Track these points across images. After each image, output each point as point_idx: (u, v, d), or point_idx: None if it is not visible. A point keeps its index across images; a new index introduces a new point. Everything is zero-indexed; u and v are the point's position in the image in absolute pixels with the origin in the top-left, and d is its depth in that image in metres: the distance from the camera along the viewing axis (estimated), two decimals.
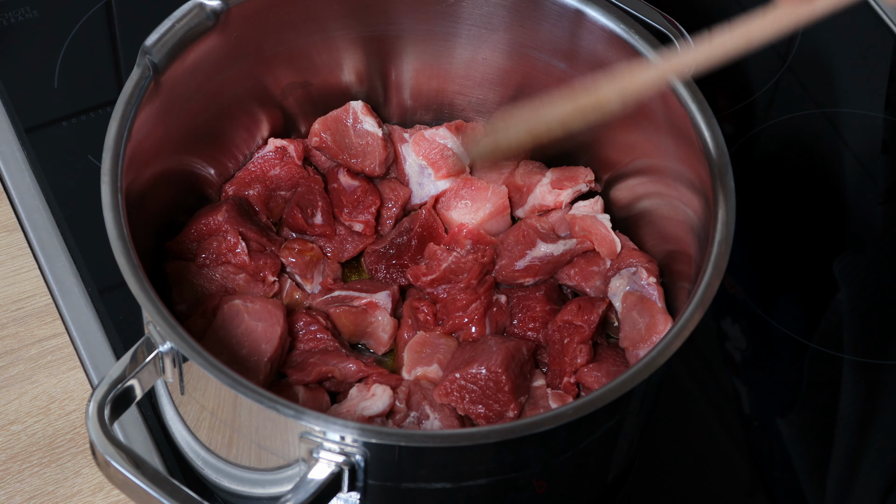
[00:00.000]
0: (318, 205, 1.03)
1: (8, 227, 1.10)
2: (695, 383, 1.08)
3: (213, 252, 0.98)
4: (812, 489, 1.02)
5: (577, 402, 0.80)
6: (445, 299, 0.99)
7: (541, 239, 1.01)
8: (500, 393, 0.92)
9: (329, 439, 0.78)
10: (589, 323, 0.96)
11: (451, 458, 0.82)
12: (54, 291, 1.07)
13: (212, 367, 0.79)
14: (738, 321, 1.12)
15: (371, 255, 1.03)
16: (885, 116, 1.26)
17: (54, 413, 1.00)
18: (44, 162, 1.14)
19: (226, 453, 0.89)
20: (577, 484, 0.93)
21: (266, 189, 1.05)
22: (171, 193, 1.00)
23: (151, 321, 0.82)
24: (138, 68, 0.91)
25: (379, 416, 0.91)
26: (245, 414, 0.83)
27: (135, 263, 0.83)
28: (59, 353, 1.03)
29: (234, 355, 0.92)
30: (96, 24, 1.25)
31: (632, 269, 0.99)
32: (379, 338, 0.99)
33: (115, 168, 0.87)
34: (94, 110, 1.19)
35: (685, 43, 1.00)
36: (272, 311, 0.94)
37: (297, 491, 0.79)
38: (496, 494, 0.86)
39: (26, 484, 0.97)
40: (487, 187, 1.05)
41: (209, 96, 0.99)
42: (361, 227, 1.03)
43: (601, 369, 0.94)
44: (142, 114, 0.90)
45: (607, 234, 1.01)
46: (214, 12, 0.94)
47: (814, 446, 1.04)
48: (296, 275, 1.01)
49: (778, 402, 1.07)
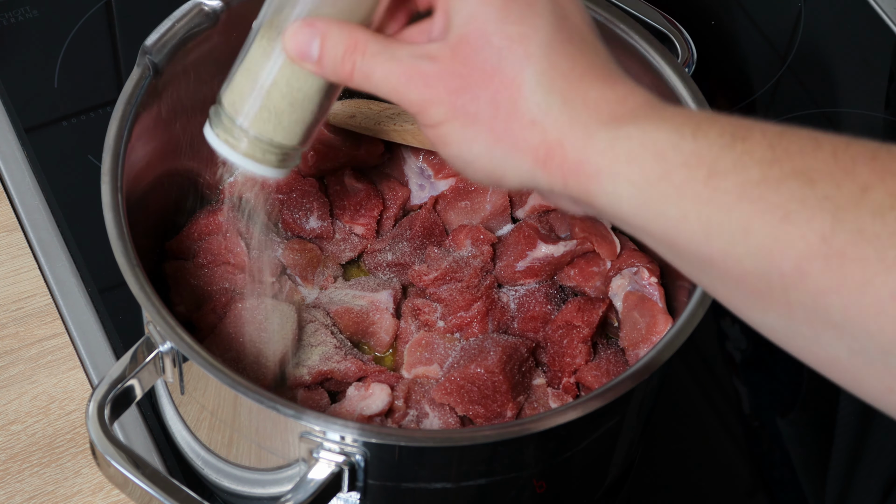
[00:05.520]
0: (314, 207, 1.03)
1: (8, 227, 1.10)
2: (695, 383, 1.08)
3: (213, 252, 0.98)
4: (812, 489, 1.02)
5: (577, 402, 0.80)
6: (446, 299, 0.99)
7: (541, 240, 1.01)
8: (498, 393, 0.92)
9: (329, 439, 0.79)
10: (589, 323, 0.96)
11: (451, 458, 0.82)
12: (54, 291, 1.07)
13: (212, 367, 0.79)
14: (738, 321, 1.11)
15: (371, 255, 1.03)
16: (885, 116, 1.26)
17: (54, 413, 1.00)
18: (44, 162, 1.14)
19: (226, 453, 0.89)
20: (577, 484, 0.93)
21: (264, 190, 1.04)
22: (171, 193, 1.00)
23: (151, 321, 0.82)
24: (138, 68, 0.91)
25: (378, 415, 0.91)
26: (245, 414, 0.83)
27: (134, 263, 0.83)
28: (59, 353, 1.03)
29: (242, 354, 0.92)
30: (96, 24, 1.25)
31: (633, 270, 0.99)
32: (380, 338, 0.99)
33: (115, 168, 0.87)
34: (94, 110, 1.19)
35: (684, 43, 1.00)
36: (285, 312, 0.94)
37: (297, 491, 0.79)
38: (496, 494, 0.86)
39: (26, 484, 0.97)
40: (487, 188, 1.05)
41: (209, 96, 0.99)
42: (362, 231, 1.03)
43: (601, 369, 0.94)
44: (142, 114, 0.90)
45: (608, 235, 1.01)
46: (214, 12, 0.94)
47: (814, 446, 1.04)
48: (296, 275, 1.01)
49: (778, 402, 1.07)
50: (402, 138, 1.00)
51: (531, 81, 0.66)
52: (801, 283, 0.58)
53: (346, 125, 1.02)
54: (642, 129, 0.63)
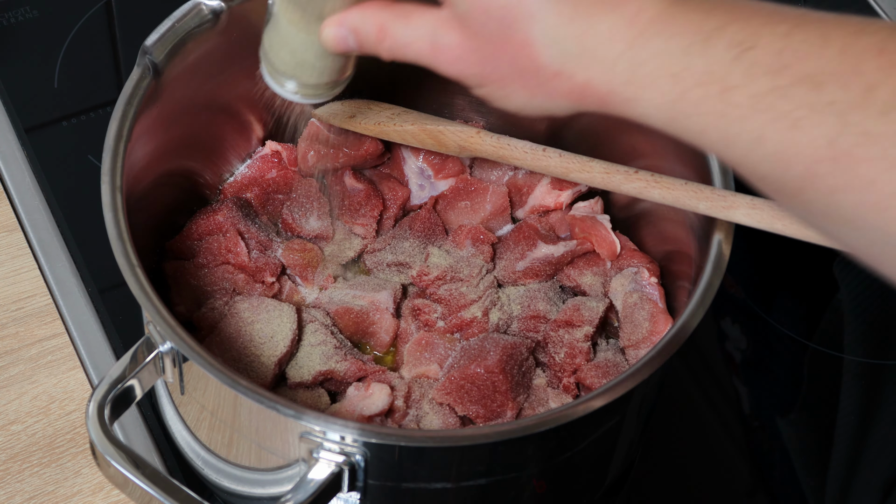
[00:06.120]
0: (314, 207, 1.03)
1: (8, 227, 1.10)
2: (695, 383, 1.08)
3: (213, 252, 0.98)
4: (812, 489, 1.02)
5: (577, 402, 0.80)
6: (446, 299, 0.99)
7: (541, 240, 1.01)
8: (498, 393, 0.92)
9: (329, 439, 0.78)
10: (589, 323, 0.96)
11: (451, 458, 0.82)
12: (54, 291, 1.07)
13: (212, 367, 0.79)
14: (738, 321, 1.12)
15: (371, 255, 1.03)
16: None
17: (54, 413, 1.00)
18: (44, 162, 1.14)
19: (226, 453, 0.89)
20: (577, 484, 0.93)
21: (264, 191, 1.05)
22: (171, 193, 1.00)
23: (151, 321, 0.82)
24: (138, 68, 0.91)
25: (378, 415, 0.91)
26: (245, 414, 0.83)
27: (134, 263, 0.83)
28: (59, 353, 1.03)
29: (242, 353, 0.92)
30: (96, 24, 1.25)
31: (633, 270, 0.99)
32: (380, 338, 0.99)
33: (115, 168, 0.87)
34: (94, 110, 1.19)
35: None
36: (286, 312, 0.94)
37: (297, 491, 0.79)
38: (496, 494, 0.86)
39: (26, 484, 0.97)
40: (487, 188, 1.05)
41: (209, 96, 0.99)
42: (362, 231, 1.03)
43: (601, 369, 0.94)
44: (142, 114, 0.90)
45: (607, 235, 1.01)
46: (214, 12, 0.94)
47: (814, 446, 1.04)
48: (296, 275, 1.01)
49: (778, 402, 1.07)
50: (402, 138, 1.00)
51: (542, 37, 0.69)
52: (812, 185, 0.62)
53: (346, 125, 1.02)
54: (654, 49, 0.66)
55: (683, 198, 0.88)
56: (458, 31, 0.72)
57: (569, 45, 0.68)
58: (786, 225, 0.84)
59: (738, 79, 0.63)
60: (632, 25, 0.67)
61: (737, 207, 0.86)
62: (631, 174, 0.90)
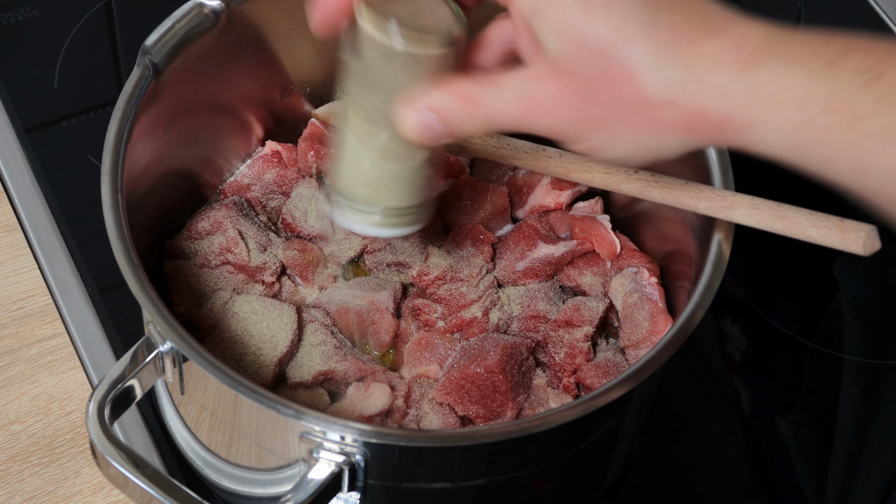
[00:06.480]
0: (314, 207, 1.03)
1: (8, 227, 1.10)
2: (695, 383, 1.08)
3: (213, 252, 0.98)
4: (812, 489, 1.02)
5: (577, 402, 0.80)
6: (446, 299, 0.99)
7: (541, 240, 1.01)
8: (498, 393, 0.92)
9: (329, 439, 0.78)
10: (589, 323, 0.96)
11: (451, 458, 0.82)
12: (54, 291, 1.07)
13: (212, 367, 0.79)
14: (738, 321, 1.12)
15: (371, 255, 1.03)
16: None
17: (54, 413, 1.00)
18: (44, 162, 1.14)
19: (226, 453, 0.89)
20: (577, 484, 0.93)
21: (264, 191, 1.05)
22: (171, 193, 1.00)
23: (151, 321, 0.82)
24: (138, 68, 0.91)
25: (378, 415, 0.91)
26: (245, 414, 0.83)
27: (135, 263, 0.83)
28: (59, 353, 1.03)
29: (242, 353, 0.92)
30: (96, 24, 1.25)
31: (633, 270, 0.99)
32: (381, 338, 0.99)
33: (115, 168, 0.87)
34: (94, 110, 1.19)
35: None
36: (286, 312, 0.94)
37: (297, 491, 0.79)
38: (496, 494, 0.86)
39: (26, 484, 0.97)
40: (487, 187, 1.05)
41: (209, 96, 0.99)
42: None
43: (601, 369, 0.94)
44: (142, 114, 0.90)
45: (607, 235, 1.01)
46: (214, 12, 0.94)
47: (814, 446, 1.04)
48: (296, 275, 1.01)
49: (778, 402, 1.07)
50: None
51: (644, 66, 0.65)
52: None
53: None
54: (773, 72, 0.62)
55: (683, 198, 0.87)
56: (554, 79, 0.67)
57: (673, 71, 0.64)
58: (786, 225, 0.84)
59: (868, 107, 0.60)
60: (739, 49, 0.63)
61: (737, 207, 0.85)
62: (631, 174, 0.89)
